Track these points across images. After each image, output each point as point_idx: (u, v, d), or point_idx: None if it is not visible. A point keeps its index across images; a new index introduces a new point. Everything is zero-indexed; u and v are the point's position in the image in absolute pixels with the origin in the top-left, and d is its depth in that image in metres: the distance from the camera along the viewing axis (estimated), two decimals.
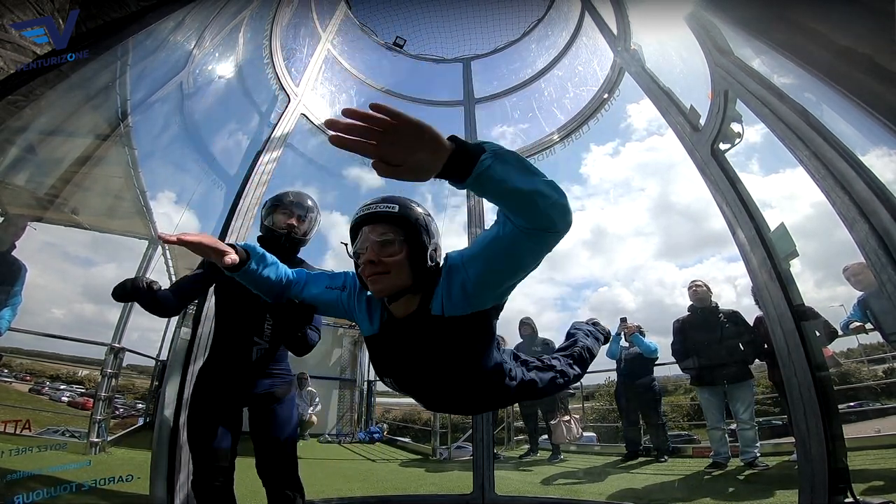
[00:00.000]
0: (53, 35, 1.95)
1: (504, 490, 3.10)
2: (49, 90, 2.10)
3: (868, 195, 1.57)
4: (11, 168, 2.52)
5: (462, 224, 4.25)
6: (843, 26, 1.56)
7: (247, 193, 3.04)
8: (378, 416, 7.57)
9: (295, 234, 1.92)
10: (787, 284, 2.10)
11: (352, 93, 5.12)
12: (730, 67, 2.32)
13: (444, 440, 5.35)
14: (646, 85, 3.19)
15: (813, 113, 1.83)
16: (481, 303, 1.04)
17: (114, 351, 4.25)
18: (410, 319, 1.10)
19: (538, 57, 5.12)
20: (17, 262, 2.76)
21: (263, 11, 4.01)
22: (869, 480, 2.54)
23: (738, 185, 2.40)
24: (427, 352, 1.10)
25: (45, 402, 5.57)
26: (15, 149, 2.37)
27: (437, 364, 1.10)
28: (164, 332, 5.86)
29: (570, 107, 4.53)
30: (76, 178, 3.06)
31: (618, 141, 55.62)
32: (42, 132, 2.46)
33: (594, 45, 4.50)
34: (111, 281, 1.66)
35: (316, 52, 4.50)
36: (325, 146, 4.63)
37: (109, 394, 4.13)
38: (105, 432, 4.00)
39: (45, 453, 2.33)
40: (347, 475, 4.00)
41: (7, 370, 5.15)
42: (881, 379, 5.01)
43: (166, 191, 6.17)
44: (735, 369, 3.55)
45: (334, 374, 7.38)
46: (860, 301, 3.16)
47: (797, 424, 1.97)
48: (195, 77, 3.59)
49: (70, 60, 2.01)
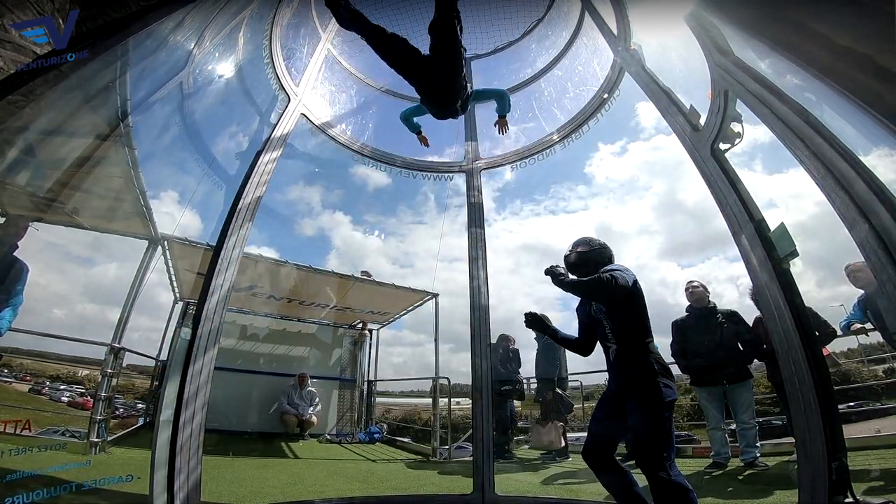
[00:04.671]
0: (53, 35, 1.95)
1: (504, 490, 3.10)
2: (49, 90, 2.10)
3: (868, 195, 1.57)
4: (12, 168, 2.52)
5: (462, 224, 4.27)
6: (843, 26, 1.56)
7: (247, 193, 3.04)
8: (378, 416, 7.57)
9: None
10: (787, 284, 2.10)
11: (352, 93, 5.12)
12: (730, 67, 2.32)
13: (444, 440, 5.35)
14: (646, 85, 3.19)
15: (813, 113, 1.83)
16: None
17: (114, 351, 4.25)
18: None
19: (538, 57, 5.12)
20: (18, 262, 2.76)
21: (263, 11, 4.01)
22: (869, 480, 2.54)
23: (738, 184, 2.40)
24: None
25: (45, 402, 5.58)
26: (15, 149, 2.37)
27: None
28: (164, 332, 5.88)
29: (570, 107, 4.54)
30: (76, 179, 3.06)
31: (625, 139, 55.54)
32: (42, 132, 2.46)
33: (594, 45, 4.49)
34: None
35: (316, 52, 4.50)
36: (325, 146, 4.63)
37: (109, 394, 4.13)
38: (105, 432, 4.00)
39: (45, 453, 2.33)
40: (347, 475, 4.00)
41: (7, 370, 5.15)
42: (881, 379, 5.01)
43: (167, 191, 6.17)
44: (734, 370, 3.55)
45: (334, 374, 7.38)
46: (860, 301, 3.16)
47: (797, 424, 1.97)
48: (195, 77, 3.59)
49: (70, 60, 2.01)
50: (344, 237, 20.18)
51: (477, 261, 3.90)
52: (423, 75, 2.87)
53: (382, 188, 12.12)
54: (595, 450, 2.01)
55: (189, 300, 5.92)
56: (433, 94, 3.00)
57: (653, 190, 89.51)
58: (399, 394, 9.34)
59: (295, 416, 6.11)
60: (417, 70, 2.84)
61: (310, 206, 12.76)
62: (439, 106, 3.09)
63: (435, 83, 2.90)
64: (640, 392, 1.91)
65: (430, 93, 3.01)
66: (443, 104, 3.05)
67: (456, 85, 2.92)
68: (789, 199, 8.93)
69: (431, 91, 2.99)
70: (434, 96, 3.02)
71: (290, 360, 7.04)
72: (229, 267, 2.76)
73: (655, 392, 1.87)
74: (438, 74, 2.83)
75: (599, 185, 46.98)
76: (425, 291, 7.13)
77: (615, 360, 2.09)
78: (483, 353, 3.51)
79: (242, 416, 6.19)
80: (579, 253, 2.32)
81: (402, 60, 2.83)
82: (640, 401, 1.89)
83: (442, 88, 2.93)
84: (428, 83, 2.93)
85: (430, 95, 3.03)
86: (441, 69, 2.79)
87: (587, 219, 29.01)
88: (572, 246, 2.37)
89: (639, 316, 2.09)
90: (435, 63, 2.77)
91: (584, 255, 2.30)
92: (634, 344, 2.04)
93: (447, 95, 2.97)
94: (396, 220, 15.10)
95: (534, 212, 37.43)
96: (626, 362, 2.04)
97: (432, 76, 2.84)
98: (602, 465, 1.99)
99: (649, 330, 2.10)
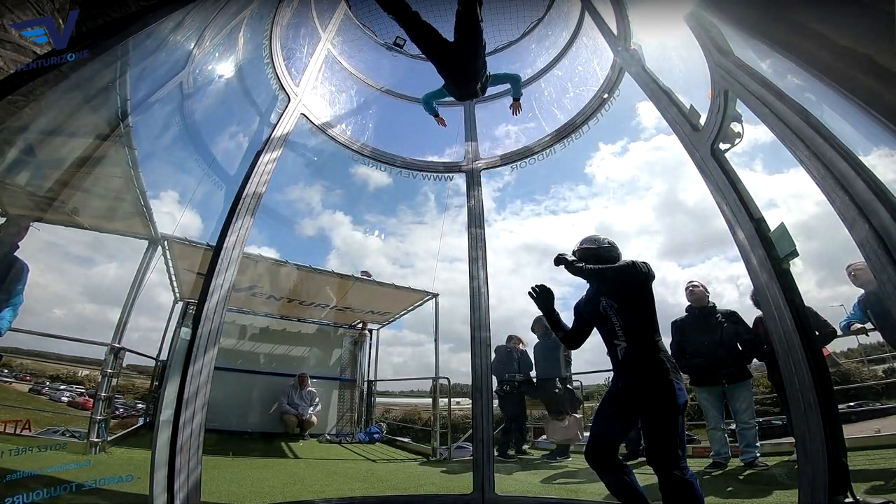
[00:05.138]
0: (53, 35, 1.95)
1: (504, 490, 3.10)
2: (49, 90, 2.10)
3: (868, 195, 1.57)
4: (12, 168, 2.52)
5: (462, 224, 4.27)
6: (843, 26, 1.56)
7: (247, 193, 3.04)
8: (378, 416, 7.57)
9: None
10: (787, 284, 2.10)
11: (352, 93, 5.12)
12: (730, 67, 2.32)
13: (444, 440, 5.35)
14: (646, 85, 3.19)
15: (813, 113, 1.83)
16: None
17: (114, 351, 4.25)
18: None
19: (538, 57, 5.13)
20: (18, 262, 2.76)
21: (263, 11, 4.01)
22: (869, 480, 2.54)
23: (738, 184, 2.40)
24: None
25: (45, 402, 5.58)
26: (15, 149, 2.37)
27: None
28: (164, 332, 5.89)
29: (570, 107, 4.54)
30: (76, 179, 3.06)
31: (625, 139, 55.50)
32: (42, 132, 2.46)
33: (594, 45, 4.50)
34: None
35: (316, 52, 4.50)
36: (325, 146, 4.63)
37: (109, 394, 4.13)
38: (105, 432, 4.00)
39: (45, 453, 2.33)
40: (347, 475, 4.00)
41: (7, 370, 5.15)
42: (881, 379, 5.01)
43: (167, 191, 6.17)
44: (734, 370, 3.55)
45: (334, 375, 7.38)
46: (860, 301, 3.17)
47: (797, 424, 1.97)
48: (195, 77, 3.59)
49: (70, 60, 2.01)
50: (344, 237, 20.13)
51: (477, 261, 3.91)
52: (448, 57, 3.37)
53: (383, 188, 12.13)
54: (599, 449, 1.99)
55: (189, 300, 5.92)
56: (456, 73, 3.53)
57: (653, 190, 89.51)
58: (399, 394, 9.35)
59: (295, 416, 6.11)
60: (443, 52, 3.33)
61: (310, 206, 12.76)
62: (461, 85, 3.62)
63: (458, 64, 3.42)
64: (654, 393, 1.87)
65: (453, 73, 3.54)
66: (464, 84, 3.58)
67: (476, 65, 3.47)
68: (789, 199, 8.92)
69: (455, 71, 3.50)
70: (456, 76, 3.55)
71: (290, 360, 7.04)
72: (229, 267, 2.76)
73: (670, 393, 1.84)
74: (461, 56, 3.34)
75: (600, 185, 46.96)
76: (425, 291, 7.13)
77: (625, 358, 2.03)
78: (483, 353, 3.51)
79: (242, 416, 6.19)
80: (586, 250, 2.30)
81: (431, 44, 3.31)
82: (655, 402, 1.86)
83: (464, 68, 3.46)
84: (452, 64, 3.44)
85: (454, 75, 3.56)
86: (463, 50, 3.30)
87: (588, 219, 29.01)
88: (579, 243, 2.36)
89: (650, 313, 2.05)
90: (458, 47, 3.28)
91: (592, 252, 2.28)
92: (645, 342, 2.00)
93: (468, 75, 3.51)
94: (396, 220, 15.08)
95: (534, 212, 37.43)
96: (636, 361, 1.99)
97: (455, 58, 3.36)
98: (606, 464, 1.97)
99: (658, 328, 2.06)
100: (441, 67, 3.49)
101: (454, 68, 3.46)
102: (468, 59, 3.38)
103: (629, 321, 2.05)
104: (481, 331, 3.58)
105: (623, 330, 2.05)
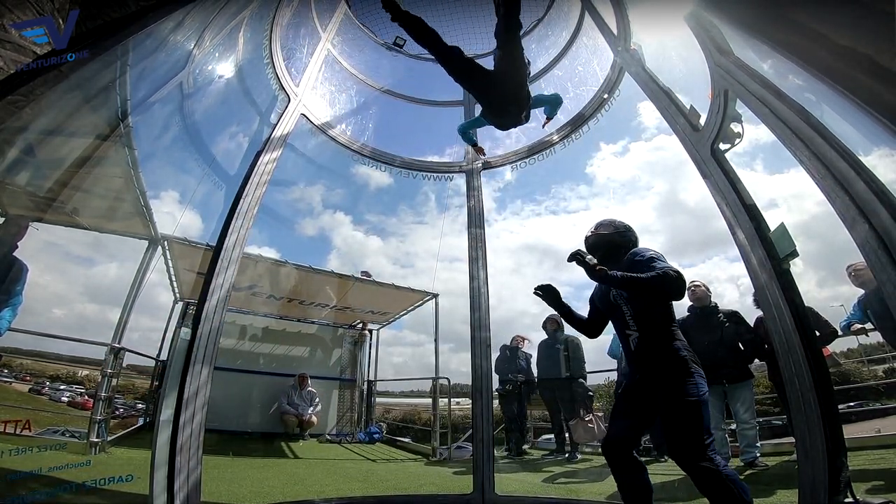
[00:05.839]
0: (53, 35, 1.95)
1: (504, 490, 3.10)
2: (49, 90, 2.10)
3: (868, 195, 1.57)
4: (11, 168, 2.52)
5: (462, 224, 4.27)
6: (843, 26, 1.56)
7: (247, 193, 3.04)
8: (378, 416, 7.57)
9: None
10: (787, 284, 2.10)
11: (352, 93, 5.12)
12: (730, 67, 2.32)
13: (444, 440, 5.35)
14: (646, 85, 3.19)
15: (813, 113, 1.83)
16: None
17: (114, 351, 4.25)
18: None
19: (538, 57, 5.12)
20: (18, 262, 2.76)
21: (263, 11, 4.01)
22: (869, 480, 2.54)
23: (738, 185, 2.40)
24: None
25: (45, 402, 5.58)
26: (15, 149, 2.37)
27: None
28: (164, 332, 5.89)
29: (570, 107, 4.53)
30: (76, 179, 3.06)
31: (626, 139, 55.52)
32: (42, 132, 2.46)
33: (594, 45, 4.49)
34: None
35: (316, 52, 4.50)
36: (326, 146, 4.64)
37: (109, 394, 4.13)
38: (105, 432, 4.00)
39: (45, 453, 2.33)
40: (347, 475, 4.00)
41: (7, 370, 5.15)
42: (881, 379, 5.02)
43: (167, 191, 6.17)
44: (735, 369, 3.55)
45: (334, 375, 7.38)
46: (860, 301, 3.17)
47: (797, 424, 1.97)
48: (195, 77, 3.59)
49: (70, 60, 2.01)
50: (344, 237, 20.13)
51: (477, 261, 3.91)
52: (492, 88, 2.99)
53: (383, 188, 12.13)
54: (618, 444, 1.87)
55: (189, 300, 5.93)
56: (501, 105, 3.07)
57: (654, 190, 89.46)
58: (399, 394, 9.36)
59: (295, 416, 6.11)
60: (485, 85, 2.99)
61: (310, 205, 12.77)
62: (505, 116, 3.14)
63: (504, 95, 3.00)
64: (672, 384, 1.74)
65: (497, 105, 3.09)
66: (515, 112, 3.09)
67: (523, 93, 3.04)
68: (789, 199, 8.90)
69: (500, 102, 3.05)
70: (502, 107, 3.09)
71: (290, 360, 7.05)
72: (229, 267, 2.76)
73: (689, 382, 1.71)
74: (507, 86, 2.95)
75: (600, 185, 47.02)
76: (425, 291, 7.14)
77: (637, 349, 1.91)
78: (483, 354, 3.51)
79: (242, 416, 6.19)
80: (601, 235, 2.13)
81: (472, 78, 3.01)
82: (674, 393, 1.72)
83: (510, 99, 3.01)
84: (496, 96, 3.03)
85: (498, 107, 3.10)
86: (509, 81, 2.94)
87: (588, 218, 28.96)
88: (594, 227, 2.17)
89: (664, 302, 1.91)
90: (504, 78, 2.93)
91: (607, 238, 2.10)
92: (659, 331, 1.86)
93: (516, 105, 3.04)
94: (397, 220, 15.10)
95: (534, 212, 37.41)
96: (650, 351, 1.86)
97: (502, 89, 2.97)
98: (623, 461, 1.85)
99: (674, 316, 1.92)
100: (484, 98, 3.12)
101: (501, 99, 3.02)
102: (515, 88, 2.98)
103: (641, 309, 1.91)
104: (481, 331, 3.58)
105: (634, 319, 1.92)
